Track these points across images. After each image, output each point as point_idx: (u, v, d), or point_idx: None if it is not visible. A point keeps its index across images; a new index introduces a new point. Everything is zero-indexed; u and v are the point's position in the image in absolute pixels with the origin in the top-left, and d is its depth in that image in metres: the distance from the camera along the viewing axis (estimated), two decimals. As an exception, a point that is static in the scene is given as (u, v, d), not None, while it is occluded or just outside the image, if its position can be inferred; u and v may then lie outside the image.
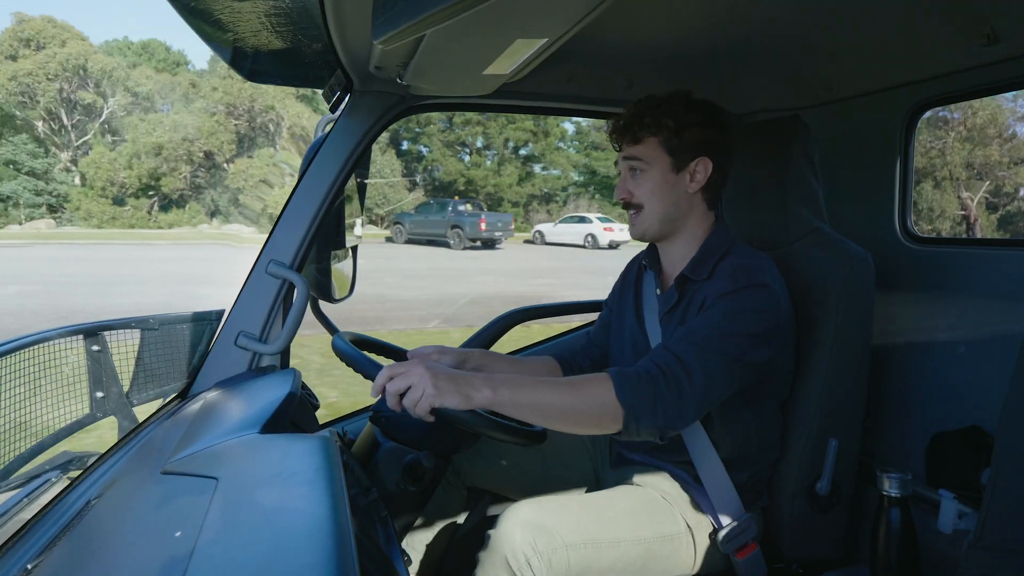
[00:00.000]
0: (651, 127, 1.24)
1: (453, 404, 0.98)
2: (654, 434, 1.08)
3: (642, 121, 1.25)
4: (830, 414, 1.28)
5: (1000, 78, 1.28)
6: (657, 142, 1.25)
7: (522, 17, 0.89)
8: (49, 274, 12.07)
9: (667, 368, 1.08)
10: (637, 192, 1.27)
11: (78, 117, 26.75)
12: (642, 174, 1.26)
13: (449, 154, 30.11)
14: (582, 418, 1.06)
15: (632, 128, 1.26)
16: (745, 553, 1.24)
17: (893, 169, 1.54)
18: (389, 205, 26.91)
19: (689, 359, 1.09)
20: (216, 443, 0.90)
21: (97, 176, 25.26)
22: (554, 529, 1.10)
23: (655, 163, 1.25)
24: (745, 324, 1.13)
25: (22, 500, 0.83)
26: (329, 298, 1.51)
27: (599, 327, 1.53)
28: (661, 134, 1.24)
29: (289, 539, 0.60)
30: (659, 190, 1.26)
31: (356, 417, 1.71)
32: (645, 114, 1.25)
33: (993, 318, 1.33)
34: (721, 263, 1.23)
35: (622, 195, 1.29)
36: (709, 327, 1.13)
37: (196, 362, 1.32)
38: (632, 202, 1.28)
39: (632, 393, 1.05)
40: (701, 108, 1.25)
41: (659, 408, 1.06)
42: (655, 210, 1.27)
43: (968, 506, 1.24)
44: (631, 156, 1.27)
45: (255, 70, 1.45)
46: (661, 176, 1.25)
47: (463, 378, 1.01)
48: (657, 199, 1.26)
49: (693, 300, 1.24)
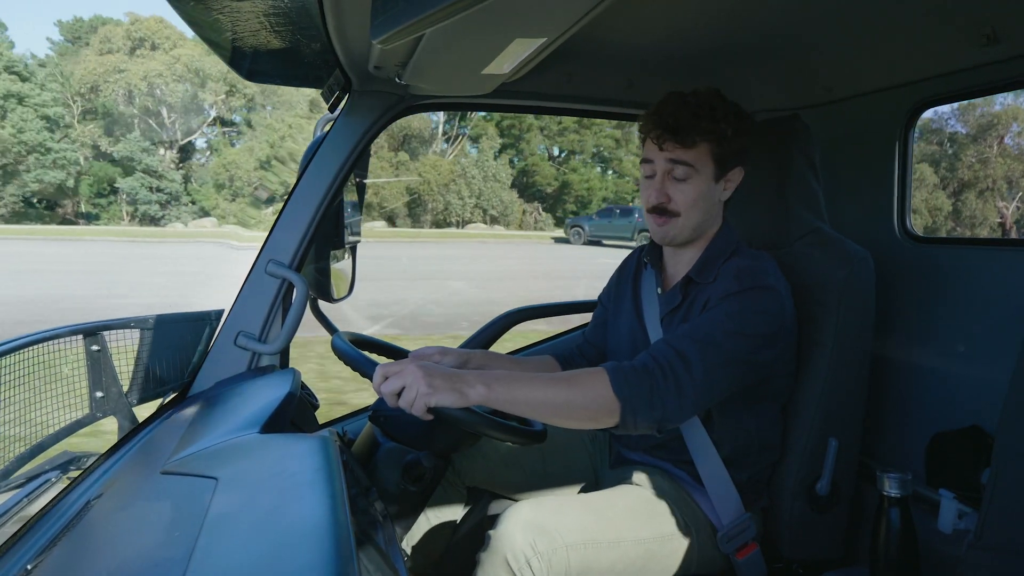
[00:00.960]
0: (707, 132, 1.17)
1: (448, 402, 0.98)
2: (651, 428, 1.07)
3: (699, 124, 1.17)
4: (830, 414, 1.28)
5: (1000, 78, 1.28)
6: (708, 149, 1.18)
7: (521, 17, 0.89)
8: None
9: (665, 362, 1.08)
10: (677, 198, 1.20)
11: (181, 117, 27.44)
12: (686, 181, 1.20)
13: (543, 159, 31.65)
14: (578, 412, 1.05)
15: (686, 130, 1.17)
16: (745, 553, 1.24)
17: (893, 169, 1.54)
18: (503, 206, 28.52)
19: (689, 353, 1.08)
20: (216, 443, 0.90)
21: (237, 176, 25.87)
22: (554, 529, 1.10)
23: (702, 171, 1.19)
24: (749, 325, 1.13)
25: (22, 500, 0.84)
26: (328, 298, 1.51)
27: (594, 326, 1.53)
28: (714, 141, 1.18)
29: (289, 539, 0.60)
30: (700, 200, 1.21)
31: (356, 417, 1.71)
32: (700, 117, 1.17)
33: (993, 318, 1.33)
34: (726, 265, 1.22)
35: (660, 199, 1.21)
36: (711, 325, 1.12)
37: (196, 362, 1.32)
38: (669, 208, 1.21)
39: (628, 387, 1.04)
40: (743, 115, 1.21)
41: (656, 401, 1.05)
42: (691, 219, 1.22)
43: (968, 506, 1.24)
44: (680, 160, 1.19)
45: (254, 70, 1.45)
46: (705, 185, 1.20)
47: (457, 376, 1.00)
48: (696, 209, 1.21)
49: (696, 301, 1.23)
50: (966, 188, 23.37)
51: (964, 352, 1.38)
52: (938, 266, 1.44)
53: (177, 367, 1.29)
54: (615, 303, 1.45)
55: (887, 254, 1.47)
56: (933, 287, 1.45)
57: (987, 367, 1.33)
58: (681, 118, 1.17)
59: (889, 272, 1.42)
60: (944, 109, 23.83)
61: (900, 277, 1.51)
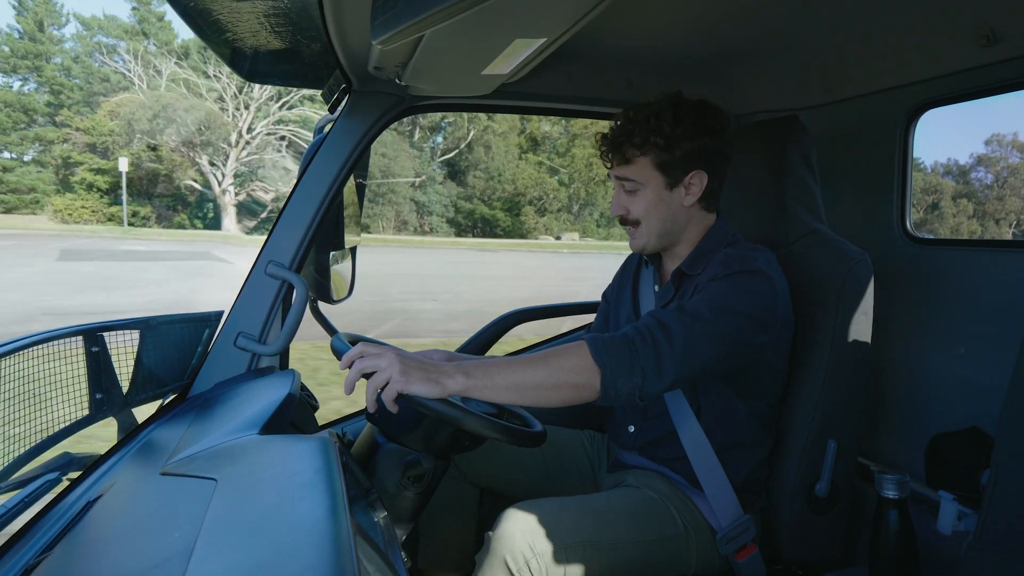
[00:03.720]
0: (640, 146, 1.21)
1: (423, 392, 0.96)
2: (633, 395, 1.05)
3: (631, 140, 1.21)
4: (829, 415, 1.28)
5: (1000, 79, 1.28)
6: (648, 161, 1.22)
7: (521, 17, 0.89)
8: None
9: (646, 330, 1.08)
10: (633, 209, 1.26)
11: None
12: (636, 193, 1.25)
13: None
14: (560, 387, 1.03)
15: (621, 148, 1.23)
16: (744, 554, 1.24)
17: (892, 170, 1.54)
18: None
19: (671, 323, 1.08)
20: (215, 444, 0.90)
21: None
22: (553, 531, 1.09)
23: (648, 182, 1.23)
24: (736, 303, 1.12)
25: (22, 500, 0.83)
26: (328, 299, 1.51)
27: (600, 321, 1.54)
28: (651, 152, 1.21)
29: (288, 540, 0.60)
30: (655, 208, 1.25)
31: (356, 418, 1.70)
32: (634, 132, 1.21)
33: (993, 318, 1.33)
34: (716, 255, 1.23)
35: (619, 211, 1.28)
36: (698, 303, 1.13)
37: (196, 363, 1.32)
38: (628, 219, 1.27)
39: (607, 353, 1.04)
40: (691, 117, 1.20)
41: (636, 367, 1.04)
42: (653, 226, 1.26)
43: (968, 507, 1.24)
44: (623, 177, 1.25)
45: (254, 70, 1.45)
46: (655, 194, 1.24)
47: (435, 366, 0.99)
48: (654, 216, 1.25)
49: (686, 292, 1.25)
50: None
51: (963, 353, 1.38)
52: (937, 267, 1.44)
53: (177, 368, 1.28)
54: (616, 299, 1.48)
55: (887, 255, 1.48)
56: (932, 288, 1.45)
57: (987, 368, 1.33)
58: (616, 136, 1.23)
59: (888, 273, 1.43)
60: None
61: (899, 278, 1.51)
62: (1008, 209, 23.98)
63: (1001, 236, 22.72)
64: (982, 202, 24.72)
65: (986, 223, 24.03)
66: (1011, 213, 23.95)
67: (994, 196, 24.25)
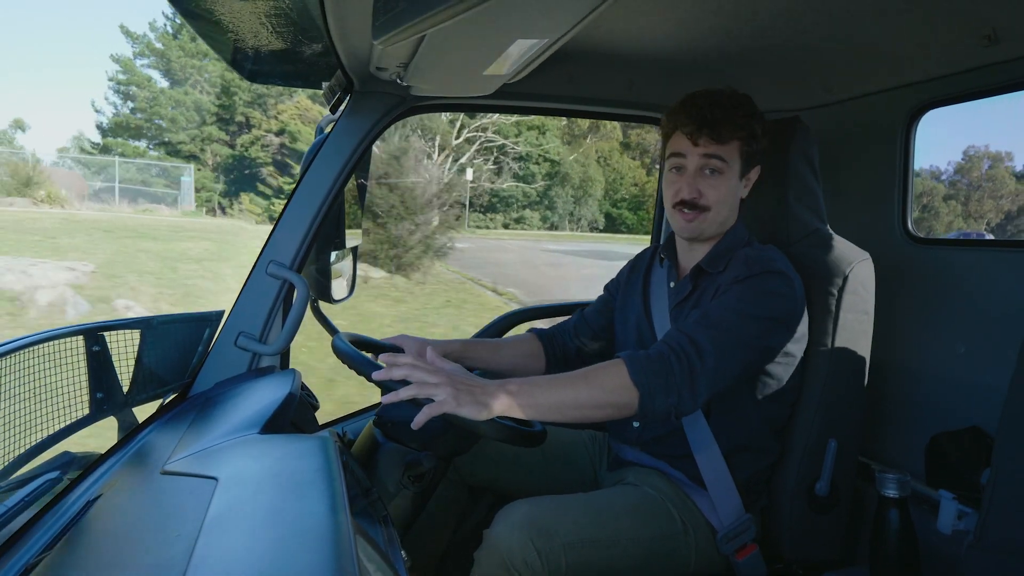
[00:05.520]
0: (740, 129, 1.21)
1: (471, 415, 0.97)
2: (669, 413, 1.08)
3: (734, 121, 1.20)
4: (830, 415, 1.28)
5: (1001, 79, 1.28)
6: (738, 146, 1.22)
7: (522, 18, 0.89)
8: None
9: (678, 347, 1.09)
10: (709, 193, 1.23)
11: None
12: (718, 176, 1.23)
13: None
14: (600, 407, 1.06)
15: (719, 125, 1.20)
16: (744, 554, 1.24)
17: (894, 170, 1.54)
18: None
19: (700, 339, 1.09)
20: (216, 443, 0.90)
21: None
22: (552, 529, 1.09)
23: (732, 167, 1.23)
24: (760, 307, 1.14)
25: (22, 500, 0.83)
26: (329, 299, 1.51)
27: (595, 309, 1.54)
28: (745, 138, 1.22)
29: (289, 539, 0.60)
30: (729, 195, 1.25)
31: (356, 418, 1.70)
32: (735, 114, 1.20)
33: (993, 318, 1.33)
34: (736, 255, 1.24)
35: (690, 194, 1.23)
36: (724, 309, 1.14)
37: (196, 362, 1.32)
38: (699, 203, 1.24)
39: (645, 373, 1.05)
40: (763, 116, 1.25)
41: (672, 386, 1.06)
42: (720, 214, 1.25)
43: (968, 506, 1.24)
44: (714, 154, 1.21)
45: (255, 71, 1.45)
46: (734, 181, 1.24)
47: (480, 387, 1.00)
48: (724, 204, 1.25)
49: (707, 290, 1.25)
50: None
51: (964, 353, 1.38)
52: (938, 267, 1.44)
53: (177, 368, 1.28)
54: (624, 295, 1.47)
55: (888, 255, 1.47)
56: (933, 288, 1.45)
57: (987, 368, 1.33)
58: (716, 114, 1.20)
59: (890, 273, 1.43)
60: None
61: (900, 278, 1.51)
62: (986, 210, 28.34)
63: (980, 232, 26.26)
64: (967, 203, 29.24)
65: (969, 222, 28.41)
66: (989, 212, 28.27)
67: (975, 199, 28.78)
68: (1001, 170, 28.84)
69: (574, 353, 1.50)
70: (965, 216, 28.54)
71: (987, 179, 28.90)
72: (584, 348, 1.50)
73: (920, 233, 1.55)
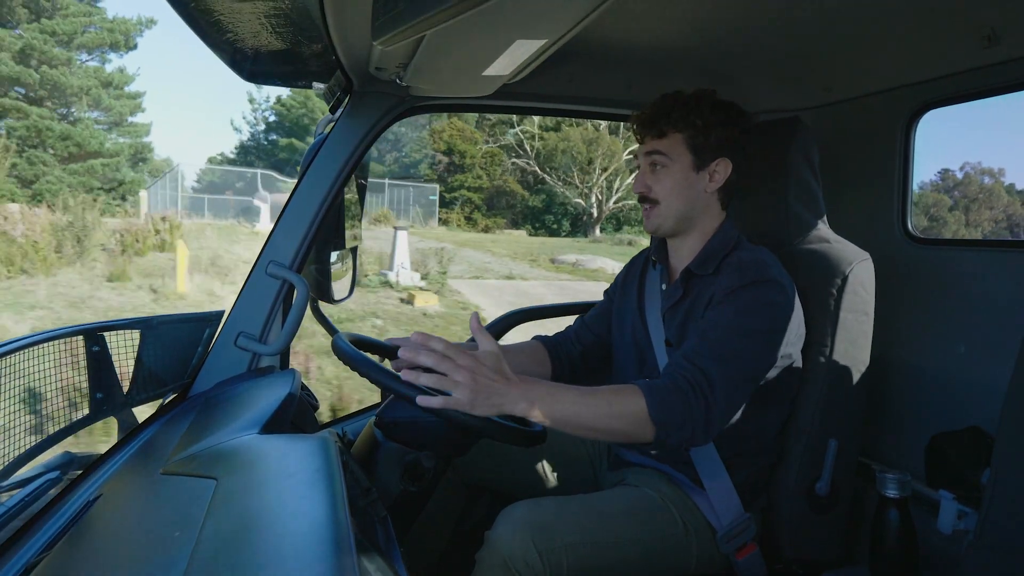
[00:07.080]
0: (678, 123, 1.24)
1: (483, 414, 0.97)
2: (682, 446, 1.09)
3: (669, 116, 1.24)
4: (830, 414, 1.28)
5: (1001, 80, 1.28)
6: (682, 139, 1.25)
7: (522, 18, 0.90)
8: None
9: (695, 382, 1.09)
10: (656, 187, 1.27)
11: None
12: (663, 170, 1.26)
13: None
14: (613, 433, 1.08)
15: (658, 122, 1.26)
16: (744, 553, 1.24)
17: (893, 171, 1.54)
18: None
19: (712, 373, 1.10)
20: (216, 443, 0.90)
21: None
22: (553, 529, 1.09)
23: (677, 160, 1.25)
24: (758, 320, 1.15)
25: (22, 500, 0.83)
26: (329, 299, 1.51)
27: (595, 314, 1.54)
28: (687, 131, 1.24)
29: (289, 539, 0.60)
30: (678, 188, 1.26)
31: (356, 418, 1.70)
32: (673, 109, 1.24)
33: (993, 318, 1.33)
34: (727, 258, 1.24)
35: (640, 189, 1.30)
36: (724, 329, 1.14)
37: (196, 363, 1.32)
38: (649, 196, 1.29)
39: (664, 411, 1.06)
40: (726, 108, 1.26)
41: (688, 423, 1.07)
42: (672, 207, 1.27)
43: (968, 506, 1.24)
44: (654, 150, 1.27)
45: (255, 71, 1.45)
46: (682, 174, 1.26)
47: (498, 391, 0.98)
48: (675, 196, 1.27)
49: (700, 297, 1.24)
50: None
51: (964, 353, 1.38)
52: (938, 267, 1.44)
53: (177, 368, 1.28)
54: (620, 298, 1.47)
55: (888, 255, 1.47)
56: (933, 288, 1.45)
57: (987, 368, 1.33)
58: (655, 112, 1.26)
59: (889, 273, 1.43)
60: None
61: (900, 278, 1.51)
62: (982, 219, 32.13)
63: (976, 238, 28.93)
64: (967, 213, 32.96)
65: (970, 229, 31.90)
66: (985, 221, 31.94)
67: (974, 209, 32.52)
68: (996, 184, 33.05)
69: (578, 358, 1.50)
70: (965, 224, 31.92)
71: (983, 192, 32.99)
72: (587, 353, 1.50)
73: (919, 233, 1.55)
